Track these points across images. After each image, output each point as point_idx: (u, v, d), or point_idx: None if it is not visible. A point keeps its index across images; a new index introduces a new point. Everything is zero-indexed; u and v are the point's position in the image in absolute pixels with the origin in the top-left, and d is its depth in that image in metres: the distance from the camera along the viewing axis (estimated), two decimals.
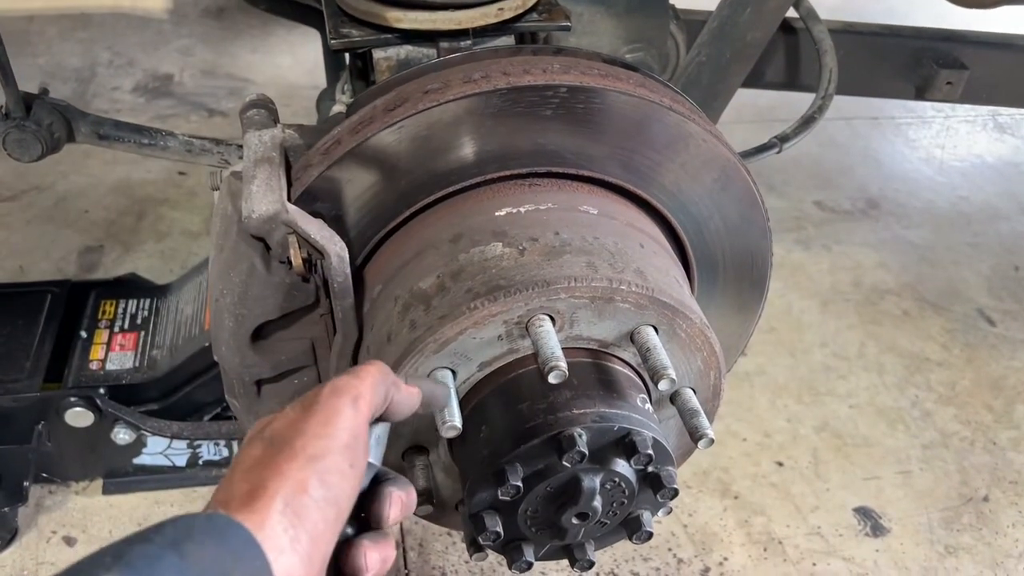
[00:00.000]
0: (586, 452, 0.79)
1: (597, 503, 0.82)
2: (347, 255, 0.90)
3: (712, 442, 0.84)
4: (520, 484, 0.80)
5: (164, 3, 3.41)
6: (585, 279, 0.84)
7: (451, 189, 0.94)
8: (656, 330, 0.87)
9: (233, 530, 0.55)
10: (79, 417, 1.51)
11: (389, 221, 0.95)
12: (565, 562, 0.91)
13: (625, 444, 0.82)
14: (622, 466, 0.82)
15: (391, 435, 0.73)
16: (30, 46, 3.10)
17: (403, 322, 0.88)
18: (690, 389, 0.91)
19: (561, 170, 0.96)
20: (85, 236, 2.27)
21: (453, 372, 0.85)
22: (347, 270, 0.90)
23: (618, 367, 0.89)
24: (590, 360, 0.88)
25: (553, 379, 0.78)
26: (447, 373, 0.84)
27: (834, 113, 1.58)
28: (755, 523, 1.65)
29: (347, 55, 1.36)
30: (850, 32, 1.81)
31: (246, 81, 3.00)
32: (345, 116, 0.97)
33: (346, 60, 1.39)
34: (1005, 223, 2.57)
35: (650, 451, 0.81)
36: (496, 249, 0.88)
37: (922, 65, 1.79)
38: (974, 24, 2.07)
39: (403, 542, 1.54)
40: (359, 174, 0.92)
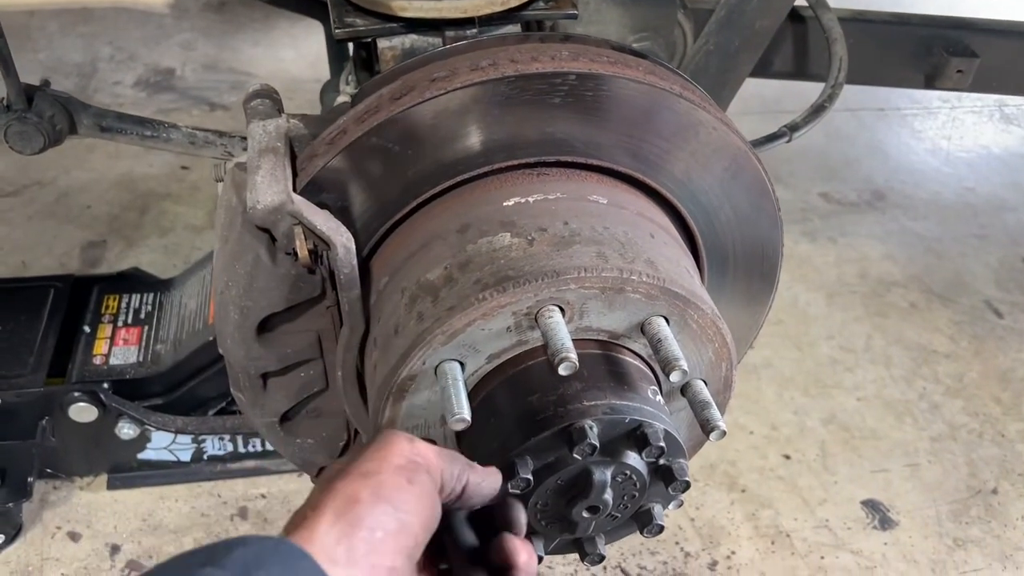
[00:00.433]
0: (597, 445, 0.78)
1: (608, 496, 0.81)
2: (353, 246, 0.88)
3: (724, 434, 0.83)
4: (530, 477, 0.79)
5: None
6: (595, 269, 0.82)
7: (458, 179, 0.93)
8: (667, 321, 0.85)
9: (302, 561, 0.56)
10: (83, 412, 1.50)
11: (396, 212, 0.94)
12: (573, 555, 0.90)
13: (636, 436, 0.81)
14: (633, 459, 0.81)
15: None
16: (31, 41, 3.09)
17: (410, 314, 0.87)
18: (701, 381, 0.90)
19: (570, 159, 0.94)
20: (88, 231, 2.26)
21: (462, 364, 0.84)
22: (353, 261, 0.89)
23: (629, 358, 0.88)
24: (600, 351, 0.87)
25: (563, 371, 0.77)
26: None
27: (840, 104, 1.56)
28: (763, 516, 1.64)
29: (351, 45, 1.35)
30: (860, 20, 1.79)
31: (248, 75, 2.99)
32: (350, 105, 0.95)
33: (350, 51, 1.38)
34: (1012, 214, 2.55)
35: (662, 443, 0.80)
36: (504, 239, 0.87)
37: (932, 53, 1.77)
38: (985, 11, 2.06)
39: None
40: (365, 164, 0.91)
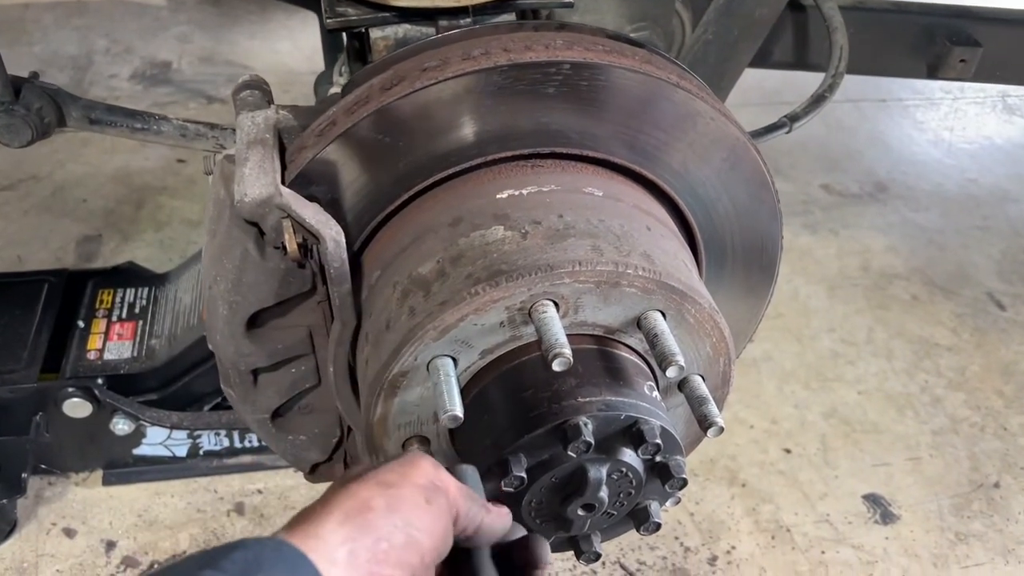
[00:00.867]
0: (592, 441, 0.77)
1: (603, 494, 0.80)
2: (343, 240, 0.87)
3: (722, 430, 0.82)
4: (524, 475, 0.78)
5: None
6: (590, 263, 0.81)
7: (451, 171, 0.91)
8: (664, 315, 0.84)
9: (301, 564, 0.55)
10: (77, 407, 1.49)
11: (387, 205, 0.92)
12: (569, 553, 0.89)
13: (632, 433, 0.79)
14: (629, 456, 0.80)
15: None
16: (25, 34, 3.07)
17: (402, 308, 0.85)
18: (699, 376, 0.88)
19: (565, 150, 0.93)
20: (83, 225, 2.25)
21: (454, 360, 0.83)
22: (344, 255, 0.87)
23: (624, 354, 0.86)
24: (595, 347, 0.85)
25: (557, 366, 0.76)
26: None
27: (841, 95, 1.55)
28: (763, 511, 1.63)
29: (344, 36, 1.33)
30: (860, 9, 1.77)
31: (245, 67, 2.97)
32: (341, 96, 0.94)
33: (344, 41, 1.36)
34: (1015, 206, 2.53)
35: (658, 440, 0.79)
36: (497, 233, 0.85)
37: (935, 42, 1.75)
38: (988, 0, 2.03)
39: None
40: (355, 156, 0.89)
